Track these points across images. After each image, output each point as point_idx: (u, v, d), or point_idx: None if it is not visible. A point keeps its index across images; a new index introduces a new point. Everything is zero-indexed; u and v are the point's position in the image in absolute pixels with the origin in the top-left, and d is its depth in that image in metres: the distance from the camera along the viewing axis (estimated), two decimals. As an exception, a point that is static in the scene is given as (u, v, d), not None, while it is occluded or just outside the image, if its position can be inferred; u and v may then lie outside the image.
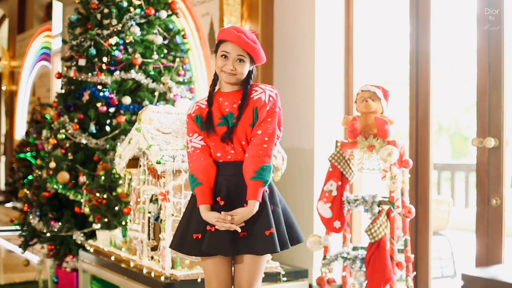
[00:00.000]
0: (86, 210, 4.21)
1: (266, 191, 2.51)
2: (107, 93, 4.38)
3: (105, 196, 4.12)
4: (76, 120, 4.40)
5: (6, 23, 12.29)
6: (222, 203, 2.47)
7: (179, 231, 2.57)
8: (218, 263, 2.52)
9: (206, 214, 2.45)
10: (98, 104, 4.36)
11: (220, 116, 2.51)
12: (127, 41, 4.42)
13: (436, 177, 9.02)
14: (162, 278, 3.17)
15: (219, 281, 2.52)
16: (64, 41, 4.75)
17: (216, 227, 2.44)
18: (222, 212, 2.43)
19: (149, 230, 3.40)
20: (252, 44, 2.50)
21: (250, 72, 2.55)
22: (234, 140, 2.49)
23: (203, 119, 2.53)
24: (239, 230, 2.42)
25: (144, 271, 3.35)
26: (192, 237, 2.48)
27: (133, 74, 4.38)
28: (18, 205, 8.33)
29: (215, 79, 2.61)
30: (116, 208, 4.11)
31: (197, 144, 2.54)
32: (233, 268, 2.59)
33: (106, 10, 4.46)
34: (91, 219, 4.21)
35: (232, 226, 2.41)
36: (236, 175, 2.49)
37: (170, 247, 2.62)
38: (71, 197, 4.33)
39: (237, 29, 2.52)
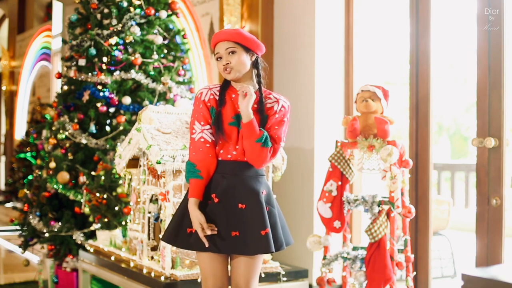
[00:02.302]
0: (86, 210, 4.21)
1: (263, 192, 2.51)
2: (107, 93, 4.38)
3: (105, 196, 4.12)
4: (76, 120, 4.40)
5: (6, 23, 12.30)
6: (216, 200, 2.47)
7: (173, 223, 2.56)
8: (214, 261, 2.51)
9: (194, 210, 2.45)
10: (98, 104, 4.36)
11: (233, 115, 2.51)
12: (127, 41, 4.42)
13: (436, 177, 9.01)
14: (162, 278, 3.18)
15: (216, 279, 2.51)
16: (64, 41, 4.76)
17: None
18: (218, 221, 2.43)
19: (149, 230, 3.40)
20: (237, 32, 2.52)
21: (254, 64, 2.56)
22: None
23: (216, 113, 2.52)
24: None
25: (144, 271, 3.35)
26: (186, 231, 2.48)
27: (133, 74, 4.38)
28: (18, 205, 8.33)
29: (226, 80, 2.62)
30: (116, 208, 4.11)
31: (208, 137, 2.51)
32: (229, 267, 2.58)
33: (106, 10, 4.46)
34: (91, 219, 4.21)
35: (203, 239, 2.42)
36: (233, 175, 2.49)
37: (162, 239, 2.60)
38: (71, 197, 4.33)
39: (220, 31, 2.57)
